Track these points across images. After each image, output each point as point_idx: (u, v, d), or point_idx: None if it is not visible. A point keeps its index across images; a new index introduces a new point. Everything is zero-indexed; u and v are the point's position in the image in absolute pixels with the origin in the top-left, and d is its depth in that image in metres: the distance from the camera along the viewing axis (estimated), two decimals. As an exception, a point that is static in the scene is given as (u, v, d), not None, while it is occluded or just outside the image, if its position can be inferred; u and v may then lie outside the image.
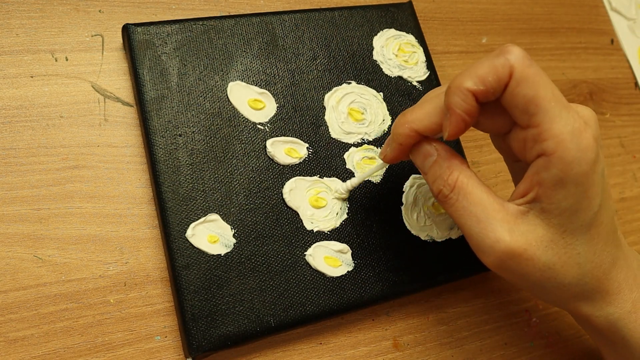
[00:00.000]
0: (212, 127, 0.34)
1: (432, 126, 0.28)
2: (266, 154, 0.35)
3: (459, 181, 0.28)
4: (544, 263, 0.27)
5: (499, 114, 0.28)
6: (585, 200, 0.26)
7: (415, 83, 0.40)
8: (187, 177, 0.33)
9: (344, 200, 0.35)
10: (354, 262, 0.34)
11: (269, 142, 0.35)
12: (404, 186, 0.37)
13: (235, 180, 0.34)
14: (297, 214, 0.34)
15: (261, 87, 0.36)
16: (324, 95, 0.38)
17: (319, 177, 0.35)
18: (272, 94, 0.36)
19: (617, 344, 0.30)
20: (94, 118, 0.35)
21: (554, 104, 0.25)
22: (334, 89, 0.38)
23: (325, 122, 0.37)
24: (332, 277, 0.33)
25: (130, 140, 0.35)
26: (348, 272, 0.34)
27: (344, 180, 0.36)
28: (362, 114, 0.38)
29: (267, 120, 0.36)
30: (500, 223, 0.27)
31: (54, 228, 0.32)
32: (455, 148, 0.39)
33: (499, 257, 0.27)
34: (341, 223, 0.35)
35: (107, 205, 0.33)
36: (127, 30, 0.35)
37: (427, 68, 0.41)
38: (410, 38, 0.41)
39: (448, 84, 0.27)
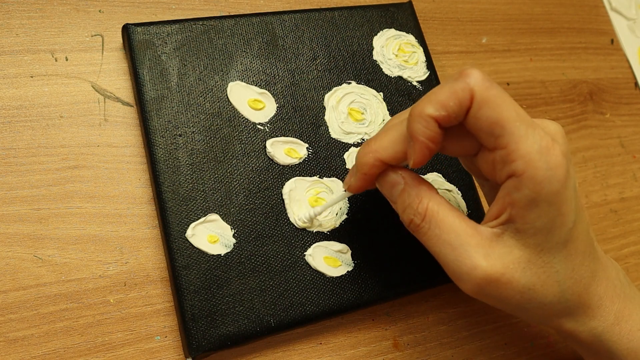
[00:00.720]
0: (212, 127, 0.34)
1: (396, 155, 0.28)
2: (266, 154, 0.35)
3: (429, 209, 0.28)
4: (524, 285, 0.27)
5: (464, 137, 0.27)
6: (560, 217, 0.26)
7: (415, 83, 0.40)
8: (187, 177, 0.33)
9: (307, 227, 0.34)
10: (353, 262, 0.34)
11: (268, 143, 0.35)
12: (404, 186, 0.37)
13: (235, 180, 0.34)
14: (297, 214, 0.34)
15: (261, 87, 0.36)
16: (324, 95, 0.38)
17: (319, 177, 0.35)
18: (272, 94, 0.36)
19: (603, 356, 0.30)
20: (94, 118, 0.35)
21: (518, 124, 0.25)
22: (334, 89, 0.38)
23: (325, 122, 0.37)
24: (332, 277, 0.33)
25: (130, 140, 0.35)
26: (348, 272, 0.34)
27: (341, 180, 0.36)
28: (362, 114, 0.38)
29: (267, 120, 0.36)
30: (475, 248, 0.26)
31: (54, 228, 0.32)
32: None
33: (477, 284, 0.27)
34: (341, 223, 0.35)
35: (107, 205, 0.33)
36: (127, 30, 0.35)
37: (427, 68, 0.41)
38: (410, 38, 0.41)
39: (409, 110, 0.27)
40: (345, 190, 0.32)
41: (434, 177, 0.38)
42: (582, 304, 0.29)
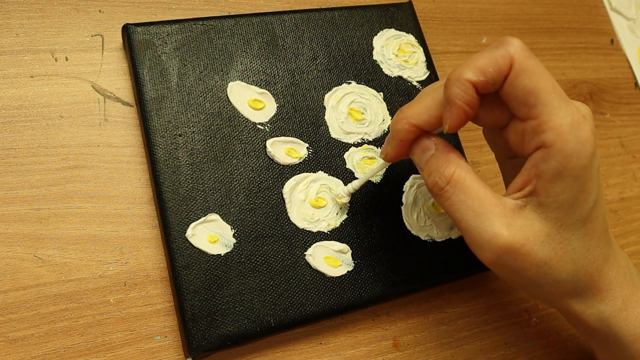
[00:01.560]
0: (212, 127, 0.34)
1: (431, 120, 0.28)
2: (266, 154, 0.35)
3: (455, 174, 0.28)
4: (541, 258, 0.27)
5: (497, 106, 0.28)
6: (583, 194, 0.26)
7: (415, 83, 0.40)
8: (187, 177, 0.33)
9: (344, 204, 0.35)
10: (354, 262, 0.34)
11: (269, 142, 0.35)
12: (404, 186, 0.37)
13: (235, 180, 0.34)
14: (297, 214, 0.34)
15: (261, 87, 0.36)
16: (324, 95, 0.38)
17: (323, 172, 0.35)
18: (272, 94, 0.36)
19: (608, 341, 0.30)
20: (94, 118, 0.35)
21: (553, 96, 0.25)
22: (334, 89, 0.38)
23: (325, 122, 0.37)
24: (332, 277, 0.33)
25: (130, 140, 0.35)
26: (348, 272, 0.34)
27: (345, 183, 0.36)
28: (362, 114, 0.38)
29: (267, 120, 0.36)
30: (498, 217, 0.27)
31: (54, 228, 0.32)
32: (456, 147, 0.39)
33: (496, 253, 0.27)
34: (341, 223, 0.35)
35: (107, 205, 0.33)
36: (127, 30, 0.35)
37: (427, 68, 0.41)
38: (410, 38, 0.41)
39: (447, 77, 0.27)
40: (382, 160, 0.32)
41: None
42: (593, 286, 0.29)
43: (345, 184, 0.36)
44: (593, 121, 0.27)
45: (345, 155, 0.37)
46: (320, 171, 0.36)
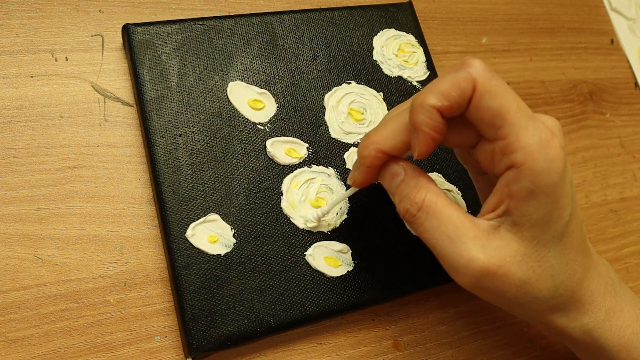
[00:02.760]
0: (212, 127, 0.34)
1: (397, 145, 0.28)
2: (266, 154, 0.35)
3: (426, 200, 0.27)
4: (519, 278, 0.27)
5: (464, 128, 0.27)
6: (557, 210, 0.26)
7: (415, 83, 0.40)
8: (187, 177, 0.33)
9: (314, 228, 0.34)
10: (354, 262, 0.34)
11: (269, 142, 0.35)
12: (404, 186, 0.37)
13: (235, 180, 0.34)
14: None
15: (261, 87, 0.36)
16: (324, 95, 0.38)
17: (323, 165, 0.35)
18: (272, 94, 0.36)
19: (594, 352, 0.30)
20: (94, 118, 0.35)
21: (519, 115, 0.25)
22: (334, 89, 0.38)
23: (325, 122, 0.37)
24: (332, 277, 0.33)
25: (130, 140, 0.35)
26: (348, 272, 0.34)
27: (345, 182, 0.36)
28: (362, 114, 0.38)
29: (267, 120, 0.36)
30: (473, 241, 0.26)
31: (54, 228, 0.32)
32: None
33: (474, 277, 0.26)
34: (341, 223, 0.35)
35: (107, 205, 0.33)
36: (127, 30, 0.35)
37: (427, 68, 0.41)
38: (410, 38, 0.41)
39: (410, 100, 0.27)
40: (350, 186, 0.31)
41: (434, 177, 0.38)
42: (575, 300, 0.29)
43: (346, 187, 0.36)
44: (562, 135, 0.27)
45: (345, 156, 0.37)
46: (314, 165, 0.36)
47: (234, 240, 0.33)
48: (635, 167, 0.49)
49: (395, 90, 0.39)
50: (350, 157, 0.37)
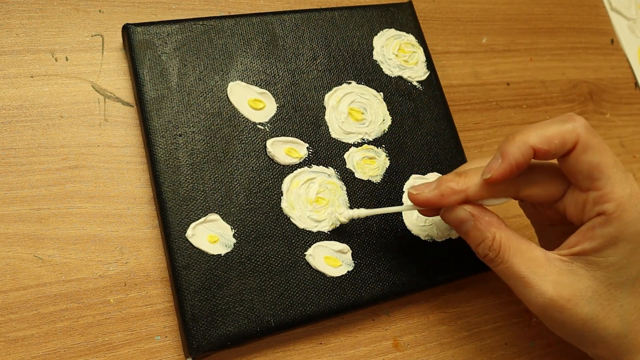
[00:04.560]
0: (212, 127, 0.34)
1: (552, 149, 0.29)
2: (266, 154, 0.35)
3: (502, 244, 0.29)
4: (586, 314, 0.28)
5: (551, 184, 0.30)
6: (635, 256, 0.28)
7: (415, 83, 0.40)
8: (187, 177, 0.33)
9: (336, 225, 0.34)
10: (354, 262, 0.34)
11: (269, 142, 0.35)
12: (404, 186, 0.37)
13: (235, 180, 0.34)
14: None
15: (261, 87, 0.36)
16: (324, 95, 0.38)
17: (323, 166, 0.35)
18: (272, 94, 0.36)
19: None
20: (94, 118, 0.35)
21: (615, 170, 0.27)
22: (334, 89, 0.38)
23: (326, 122, 0.37)
24: (332, 277, 0.33)
25: (130, 140, 0.35)
26: (348, 272, 0.34)
27: (346, 183, 0.36)
28: (362, 114, 0.38)
29: (267, 120, 0.36)
30: (544, 277, 0.28)
31: (54, 228, 0.32)
32: (456, 148, 0.39)
33: (542, 307, 0.29)
34: (341, 223, 0.35)
35: (107, 205, 0.33)
36: (127, 30, 0.35)
37: (427, 68, 0.41)
38: (410, 38, 0.41)
39: (510, 135, 0.28)
40: (410, 202, 0.32)
41: (434, 177, 0.38)
42: None
43: (346, 184, 0.36)
44: None
45: (346, 155, 0.37)
46: (314, 165, 0.36)
47: (234, 240, 0.33)
48: (635, 167, 0.49)
49: (396, 90, 0.39)
50: (351, 157, 0.37)
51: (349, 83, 0.38)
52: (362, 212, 0.34)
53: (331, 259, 0.34)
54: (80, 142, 0.34)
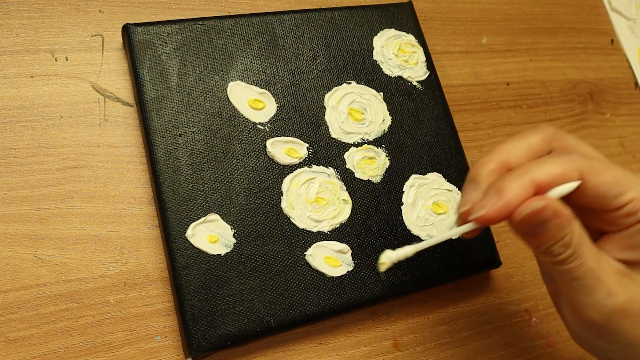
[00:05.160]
0: (212, 127, 0.34)
1: (556, 180, 0.26)
2: (266, 154, 0.35)
3: (581, 238, 0.26)
4: None
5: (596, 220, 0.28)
6: None
7: (415, 83, 0.40)
8: (187, 177, 0.33)
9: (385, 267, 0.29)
10: (354, 262, 0.34)
11: (269, 142, 0.35)
12: (404, 186, 0.37)
13: (235, 180, 0.34)
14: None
15: (261, 87, 0.36)
16: (324, 95, 0.38)
17: (323, 166, 0.35)
18: (272, 94, 0.36)
19: None
20: (94, 118, 0.35)
21: (627, 177, 0.26)
22: (334, 89, 0.38)
23: (325, 122, 0.37)
24: (332, 277, 0.33)
25: (130, 140, 0.35)
26: (348, 272, 0.34)
27: (345, 181, 0.36)
28: (362, 114, 0.38)
29: (267, 120, 0.36)
30: (612, 276, 0.27)
31: (54, 228, 0.32)
32: (456, 148, 0.39)
33: (607, 313, 0.26)
34: (341, 223, 0.35)
35: (107, 205, 0.33)
36: (127, 30, 0.35)
37: (427, 68, 0.41)
38: (410, 38, 0.41)
39: (508, 173, 0.26)
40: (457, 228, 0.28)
41: (434, 177, 0.38)
42: None
43: (346, 184, 0.36)
44: None
45: (345, 155, 0.37)
46: (314, 165, 0.36)
47: (234, 240, 0.33)
48: (635, 167, 0.49)
49: (396, 90, 0.39)
50: (351, 157, 0.37)
51: (349, 83, 0.38)
52: (408, 251, 0.28)
53: (331, 259, 0.34)
54: (80, 142, 0.34)
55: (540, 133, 0.28)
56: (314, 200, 0.35)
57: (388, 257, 0.28)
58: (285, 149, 0.35)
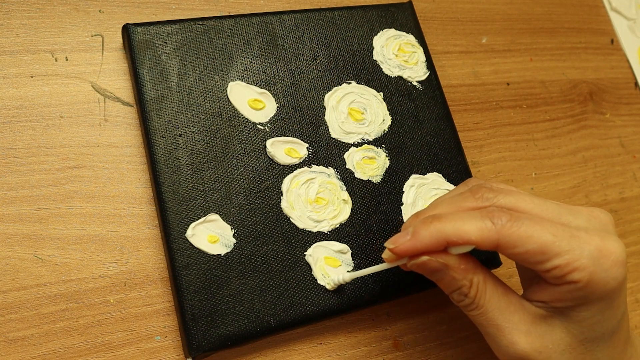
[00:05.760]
0: (212, 127, 0.34)
1: (466, 240, 0.27)
2: (266, 154, 0.35)
3: (479, 290, 0.27)
4: None
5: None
6: (610, 310, 0.26)
7: (415, 83, 0.40)
8: (187, 177, 0.33)
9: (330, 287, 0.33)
10: (354, 262, 0.34)
11: (269, 142, 0.35)
12: (404, 186, 0.37)
13: (235, 180, 0.34)
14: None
15: (261, 87, 0.36)
16: (324, 95, 0.38)
17: (323, 166, 0.35)
18: (272, 94, 0.36)
19: None
20: (94, 118, 0.35)
21: (558, 244, 0.25)
22: (334, 89, 0.38)
23: (325, 122, 0.37)
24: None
25: (130, 140, 0.35)
26: (348, 272, 0.34)
27: (345, 180, 0.36)
28: (362, 113, 0.38)
29: (267, 120, 0.36)
30: (517, 325, 0.27)
31: (54, 228, 0.32)
32: (456, 148, 0.39)
33: (513, 358, 0.27)
34: (341, 223, 0.35)
35: (107, 205, 0.33)
36: (127, 30, 0.35)
37: (427, 68, 0.41)
38: (410, 38, 0.41)
39: (427, 217, 0.27)
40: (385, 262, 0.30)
41: (434, 177, 0.38)
42: None
43: (346, 184, 0.36)
44: (614, 229, 0.27)
45: (345, 155, 0.37)
46: (314, 165, 0.36)
47: (234, 240, 0.33)
48: (635, 167, 0.49)
49: (395, 90, 0.39)
50: (350, 157, 0.37)
51: (349, 83, 0.38)
52: (347, 277, 0.32)
53: (331, 259, 0.34)
54: (80, 142, 0.34)
55: (470, 195, 0.28)
56: (313, 200, 0.35)
57: (331, 279, 0.33)
58: (285, 149, 0.35)
